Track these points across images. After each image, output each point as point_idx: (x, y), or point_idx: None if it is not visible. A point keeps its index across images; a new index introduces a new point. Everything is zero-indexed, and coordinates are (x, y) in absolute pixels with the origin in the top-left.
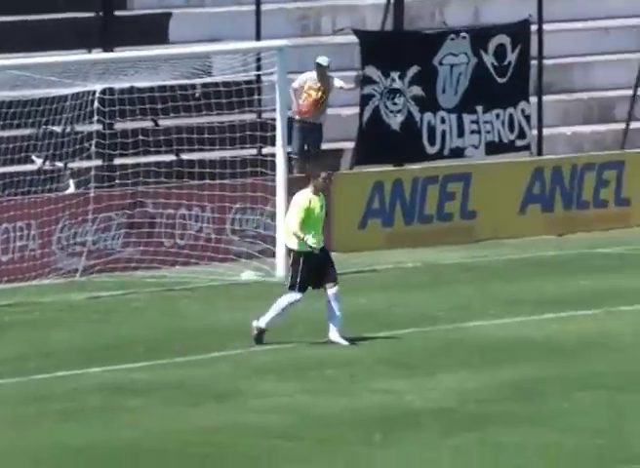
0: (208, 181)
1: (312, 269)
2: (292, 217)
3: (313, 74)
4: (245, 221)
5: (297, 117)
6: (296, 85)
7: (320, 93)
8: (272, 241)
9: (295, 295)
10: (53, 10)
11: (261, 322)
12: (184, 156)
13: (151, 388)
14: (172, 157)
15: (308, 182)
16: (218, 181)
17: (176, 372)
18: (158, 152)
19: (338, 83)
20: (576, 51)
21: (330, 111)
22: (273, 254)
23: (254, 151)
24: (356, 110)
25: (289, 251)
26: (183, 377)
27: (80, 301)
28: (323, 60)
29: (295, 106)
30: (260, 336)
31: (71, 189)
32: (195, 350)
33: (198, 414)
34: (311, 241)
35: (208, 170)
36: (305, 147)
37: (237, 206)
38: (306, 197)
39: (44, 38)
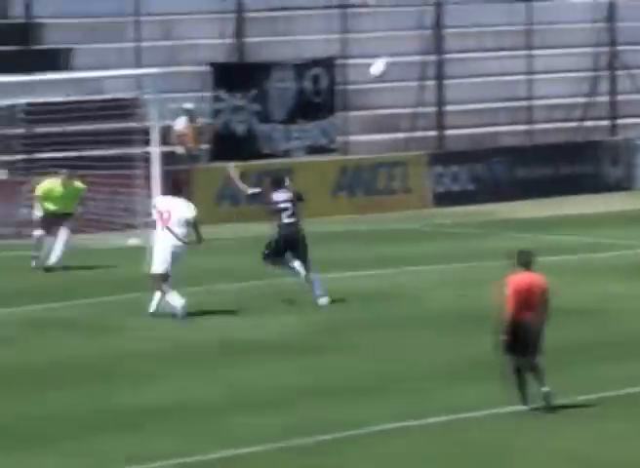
0: (102, 172)
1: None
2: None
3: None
4: (130, 202)
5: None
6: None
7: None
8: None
9: None
10: None
11: None
12: (86, 153)
13: (59, 323)
14: (75, 153)
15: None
16: (109, 172)
17: (72, 311)
18: (66, 150)
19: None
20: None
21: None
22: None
23: (137, 150)
24: (212, 121)
25: None
26: (78, 315)
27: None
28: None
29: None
30: None
31: (4, 176)
32: (85, 295)
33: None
34: None
35: (103, 163)
36: None
37: (124, 190)
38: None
39: None
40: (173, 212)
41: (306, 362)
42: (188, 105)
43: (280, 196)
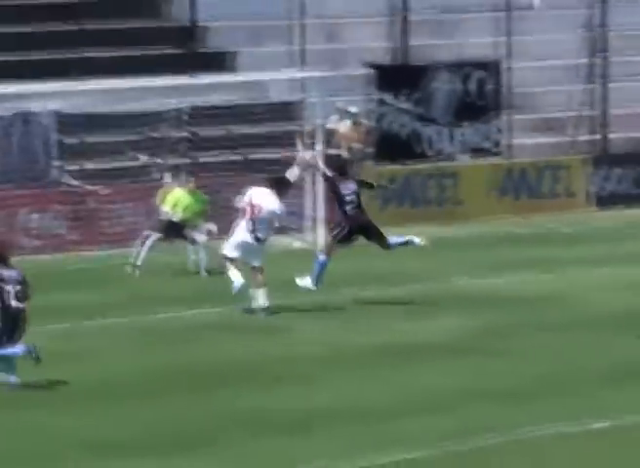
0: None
1: None
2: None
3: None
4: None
5: None
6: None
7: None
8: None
9: None
10: (154, 46)
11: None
12: (250, 156)
13: (225, 325)
14: (240, 157)
15: None
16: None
17: (241, 315)
18: (230, 153)
19: None
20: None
21: None
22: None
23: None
24: (375, 124)
25: None
26: (249, 318)
27: (182, 262)
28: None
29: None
30: None
31: (167, 179)
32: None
33: (258, 345)
34: None
35: (266, 166)
36: None
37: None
38: None
39: (148, 67)
40: (264, 206)
41: (468, 365)
42: (352, 108)
43: (346, 187)
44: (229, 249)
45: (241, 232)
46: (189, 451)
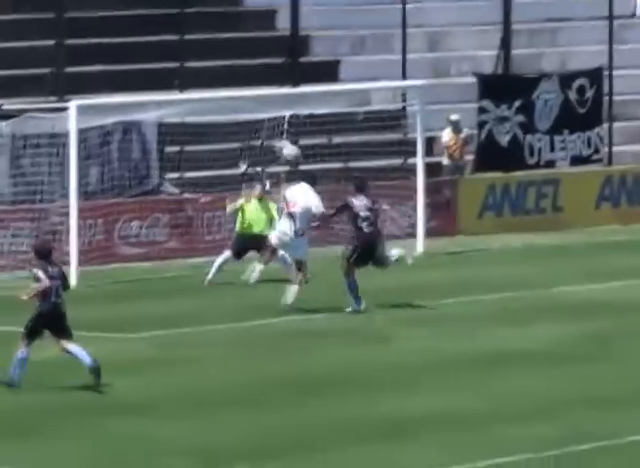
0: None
1: None
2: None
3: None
4: (395, 212)
5: None
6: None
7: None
8: (414, 227)
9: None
10: (256, 56)
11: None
12: (350, 164)
13: (327, 333)
14: (341, 165)
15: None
16: (375, 183)
17: (344, 321)
18: (331, 161)
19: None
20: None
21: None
22: (414, 236)
23: (400, 161)
24: (476, 132)
25: None
26: (350, 325)
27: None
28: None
29: None
30: None
31: (267, 187)
32: None
33: (358, 352)
34: None
35: (367, 174)
36: None
37: (389, 200)
38: None
39: (249, 77)
40: (300, 200)
41: (568, 371)
42: (454, 116)
43: (360, 203)
44: (275, 238)
45: (281, 225)
46: (290, 458)
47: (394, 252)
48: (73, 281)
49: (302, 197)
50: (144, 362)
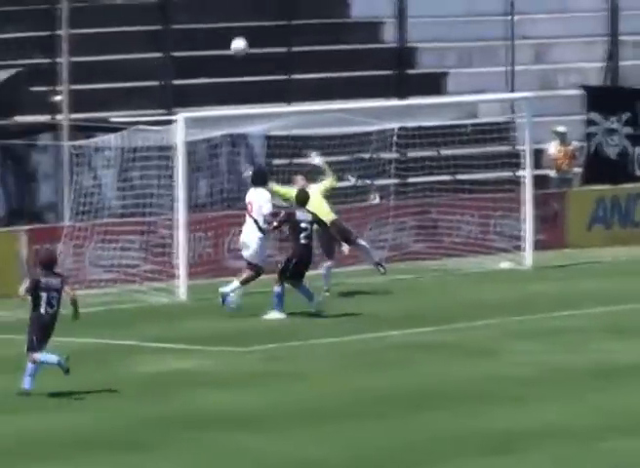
0: (475, 195)
1: None
2: None
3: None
4: (503, 225)
5: None
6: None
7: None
8: (522, 240)
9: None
10: (362, 68)
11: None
12: (458, 176)
13: (435, 346)
14: (449, 177)
15: None
16: (483, 195)
17: (452, 335)
18: (439, 174)
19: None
20: None
21: None
22: (523, 249)
23: (508, 174)
24: (584, 144)
25: None
26: (458, 339)
27: (384, 282)
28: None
29: None
30: None
31: (376, 200)
32: (466, 319)
33: (467, 366)
34: None
35: (475, 187)
36: None
37: (497, 213)
38: None
39: (357, 89)
40: (254, 202)
41: None
42: (561, 128)
43: (303, 215)
44: (244, 250)
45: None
46: None
47: (503, 265)
48: (182, 295)
49: (256, 200)
50: (250, 375)
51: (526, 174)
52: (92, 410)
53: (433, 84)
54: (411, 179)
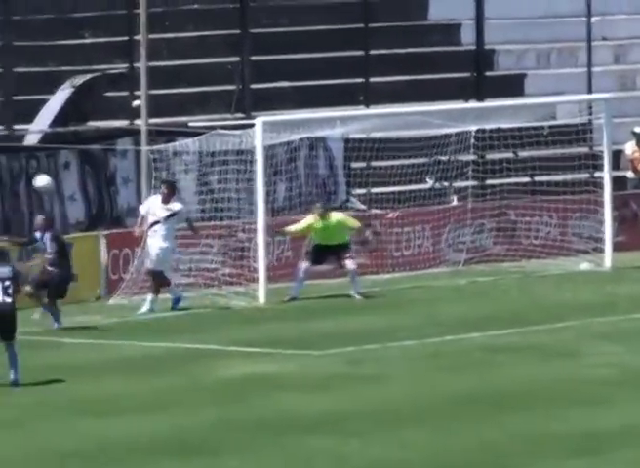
0: (554, 197)
1: None
2: None
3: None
4: (582, 226)
5: None
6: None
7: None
8: (601, 241)
9: None
10: (440, 70)
11: None
12: (537, 178)
13: (515, 348)
14: (527, 179)
15: None
16: (561, 197)
17: (532, 337)
18: (517, 175)
19: None
20: None
21: None
22: (603, 250)
23: (587, 175)
24: None
25: None
26: (539, 340)
27: (462, 285)
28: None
29: None
30: None
31: (454, 202)
32: (546, 320)
33: (547, 368)
34: None
35: (554, 188)
36: None
37: (576, 215)
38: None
39: (434, 92)
40: (158, 211)
41: None
42: (638, 129)
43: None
44: (148, 262)
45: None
46: None
47: (583, 266)
48: (262, 298)
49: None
50: (331, 378)
51: (604, 175)
52: (172, 415)
53: (511, 86)
54: (489, 181)
